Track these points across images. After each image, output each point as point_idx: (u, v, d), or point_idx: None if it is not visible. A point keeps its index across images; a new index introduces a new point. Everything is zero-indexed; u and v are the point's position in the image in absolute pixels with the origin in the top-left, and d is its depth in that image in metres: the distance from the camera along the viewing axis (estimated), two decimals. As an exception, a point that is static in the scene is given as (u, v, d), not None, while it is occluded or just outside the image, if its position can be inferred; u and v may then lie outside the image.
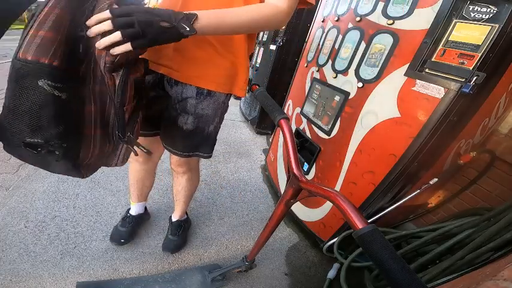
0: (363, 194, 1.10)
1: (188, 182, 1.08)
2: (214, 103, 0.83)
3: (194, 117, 0.83)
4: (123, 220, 1.22)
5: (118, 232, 1.19)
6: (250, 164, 2.17)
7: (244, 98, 3.32)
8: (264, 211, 1.63)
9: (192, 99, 0.80)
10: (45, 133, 0.47)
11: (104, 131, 0.59)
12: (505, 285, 0.43)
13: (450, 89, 0.81)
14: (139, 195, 1.20)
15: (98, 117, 0.56)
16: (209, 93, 0.80)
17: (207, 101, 0.81)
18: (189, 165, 1.02)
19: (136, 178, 1.13)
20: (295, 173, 0.61)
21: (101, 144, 0.59)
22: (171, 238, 1.21)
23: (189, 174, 1.06)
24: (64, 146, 0.51)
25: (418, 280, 0.33)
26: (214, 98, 0.82)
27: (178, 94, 0.80)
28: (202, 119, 0.84)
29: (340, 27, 1.26)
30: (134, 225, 1.23)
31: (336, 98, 1.22)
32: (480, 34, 0.76)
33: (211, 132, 0.90)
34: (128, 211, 1.25)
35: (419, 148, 0.91)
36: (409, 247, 1.04)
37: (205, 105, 0.82)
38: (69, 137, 0.51)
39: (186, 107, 0.81)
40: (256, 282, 1.16)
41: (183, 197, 1.14)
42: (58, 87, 0.46)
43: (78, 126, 0.54)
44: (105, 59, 0.48)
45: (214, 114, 0.86)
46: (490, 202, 1.17)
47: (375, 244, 0.36)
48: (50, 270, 1.03)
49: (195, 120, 0.83)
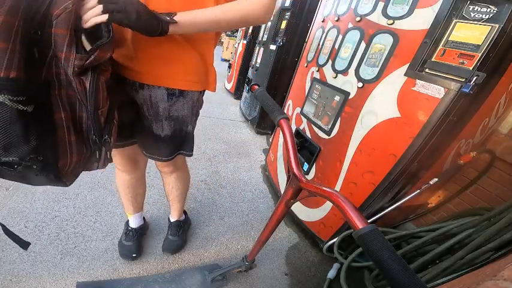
0: (363, 194, 1.10)
1: (178, 180, 1.05)
2: (188, 102, 0.77)
3: (169, 121, 0.77)
4: (126, 234, 1.16)
5: (125, 247, 1.13)
6: (250, 164, 2.17)
7: (244, 98, 3.32)
8: (264, 211, 1.63)
9: (163, 102, 0.73)
10: (18, 150, 0.45)
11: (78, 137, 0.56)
12: (505, 285, 0.43)
13: (450, 89, 0.81)
14: (134, 205, 1.14)
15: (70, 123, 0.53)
16: (181, 93, 0.74)
17: (181, 101, 0.75)
18: (175, 165, 0.97)
19: (128, 188, 1.06)
20: (295, 173, 0.61)
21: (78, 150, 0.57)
22: (171, 239, 1.21)
23: (177, 173, 1.02)
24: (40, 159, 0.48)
25: (418, 280, 0.33)
26: (188, 98, 0.76)
27: (147, 99, 0.73)
28: (178, 121, 0.79)
29: (340, 27, 1.26)
30: (139, 238, 1.19)
31: (336, 98, 1.22)
32: (480, 34, 0.76)
33: (190, 131, 0.87)
34: (128, 224, 1.18)
35: (419, 148, 0.91)
36: (409, 247, 1.04)
37: (179, 106, 0.76)
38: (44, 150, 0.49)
39: (159, 112, 0.75)
40: (256, 282, 1.16)
41: (176, 196, 1.11)
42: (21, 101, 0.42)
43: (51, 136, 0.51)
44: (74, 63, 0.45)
45: (191, 114, 0.82)
46: (490, 202, 1.17)
47: (375, 244, 0.36)
48: (50, 270, 1.03)
49: (170, 124, 0.78)
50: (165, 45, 0.66)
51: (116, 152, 0.91)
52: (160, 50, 0.67)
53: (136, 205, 1.15)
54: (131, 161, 0.96)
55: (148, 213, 1.39)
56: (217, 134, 2.62)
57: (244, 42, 3.84)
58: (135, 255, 1.13)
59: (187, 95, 0.76)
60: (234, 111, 3.47)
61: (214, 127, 2.78)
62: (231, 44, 7.61)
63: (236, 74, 4.05)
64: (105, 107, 0.55)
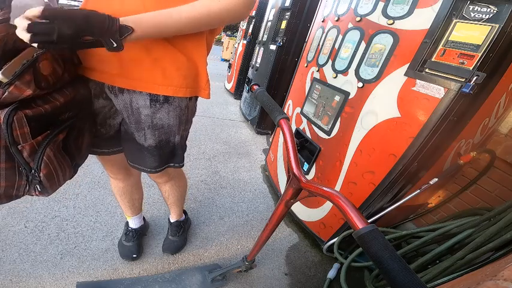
0: (363, 194, 1.10)
1: (173, 188, 1.01)
2: (175, 110, 0.69)
3: (153, 130, 0.70)
4: (126, 235, 1.15)
5: (126, 248, 1.13)
6: (250, 164, 2.17)
7: (244, 98, 3.32)
8: (264, 211, 1.63)
9: (145, 108, 0.66)
10: None
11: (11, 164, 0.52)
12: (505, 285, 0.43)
13: (450, 89, 0.81)
14: (132, 209, 1.12)
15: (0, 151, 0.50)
16: (166, 100, 0.66)
17: (165, 108, 0.67)
18: (168, 175, 0.91)
19: (123, 195, 1.04)
20: (295, 173, 0.61)
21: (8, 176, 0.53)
22: (172, 239, 1.21)
23: (172, 182, 0.98)
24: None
25: (418, 280, 0.32)
26: (175, 105, 0.68)
27: (127, 104, 0.66)
28: (163, 131, 0.71)
29: (340, 27, 1.26)
30: (139, 238, 1.19)
31: (336, 98, 1.22)
32: (480, 34, 0.76)
33: (179, 142, 0.78)
34: (128, 225, 1.18)
35: (419, 148, 0.91)
36: (409, 247, 1.04)
37: (163, 114, 0.68)
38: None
39: (140, 119, 0.68)
40: (256, 282, 1.16)
41: (174, 201, 1.10)
42: None
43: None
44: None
45: (179, 123, 0.73)
46: (490, 202, 1.17)
47: (375, 244, 0.36)
48: (50, 270, 1.03)
49: (154, 133, 0.70)
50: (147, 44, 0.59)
51: (106, 160, 0.88)
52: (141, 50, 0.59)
53: (134, 209, 1.13)
54: (122, 169, 0.93)
55: (148, 213, 1.39)
56: (217, 134, 2.62)
57: (244, 42, 3.84)
58: (136, 256, 1.13)
59: (173, 101, 0.67)
60: (234, 111, 3.47)
61: (214, 127, 2.78)
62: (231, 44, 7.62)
63: (236, 74, 4.05)
64: (27, 142, 0.50)
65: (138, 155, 0.76)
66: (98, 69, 0.62)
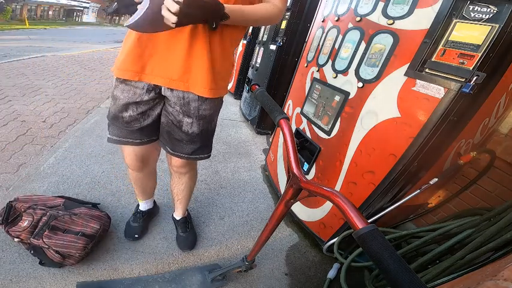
0: (363, 194, 1.10)
1: (190, 180, 1.11)
2: (214, 102, 0.87)
3: (198, 119, 0.86)
4: (134, 216, 1.26)
5: (131, 228, 1.23)
6: (250, 164, 2.17)
7: (244, 98, 3.31)
8: (264, 211, 1.63)
9: (194, 101, 0.82)
10: None
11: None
12: (505, 285, 0.43)
13: (450, 89, 0.81)
14: (143, 194, 1.23)
15: None
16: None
17: (209, 102, 0.85)
18: (191, 165, 1.04)
19: (138, 181, 1.15)
20: (295, 173, 0.61)
21: None
22: (184, 235, 1.24)
23: (191, 173, 1.09)
24: None
25: (418, 280, 0.32)
26: (215, 100, 0.86)
27: (180, 97, 0.81)
28: (206, 120, 0.88)
29: (340, 27, 1.26)
30: (145, 220, 1.28)
31: (336, 98, 1.22)
32: (480, 34, 0.76)
33: (212, 131, 0.96)
34: (138, 207, 1.28)
35: (419, 148, 0.91)
36: (409, 247, 1.04)
37: (207, 106, 0.85)
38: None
39: (190, 110, 0.83)
40: (256, 282, 1.16)
41: (186, 195, 1.17)
42: None
43: None
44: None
45: (215, 113, 0.92)
46: (490, 202, 1.17)
47: (375, 244, 0.36)
48: (50, 270, 1.03)
49: (199, 122, 0.86)
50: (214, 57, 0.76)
51: (129, 151, 0.96)
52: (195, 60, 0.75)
53: (145, 194, 1.24)
54: (139, 161, 1.00)
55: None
56: (217, 134, 2.62)
57: (244, 42, 3.84)
58: (137, 236, 1.21)
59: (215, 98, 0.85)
60: (234, 111, 3.46)
61: (214, 127, 2.78)
62: (231, 44, 7.59)
63: (236, 74, 4.05)
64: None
65: (180, 143, 0.90)
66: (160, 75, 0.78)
